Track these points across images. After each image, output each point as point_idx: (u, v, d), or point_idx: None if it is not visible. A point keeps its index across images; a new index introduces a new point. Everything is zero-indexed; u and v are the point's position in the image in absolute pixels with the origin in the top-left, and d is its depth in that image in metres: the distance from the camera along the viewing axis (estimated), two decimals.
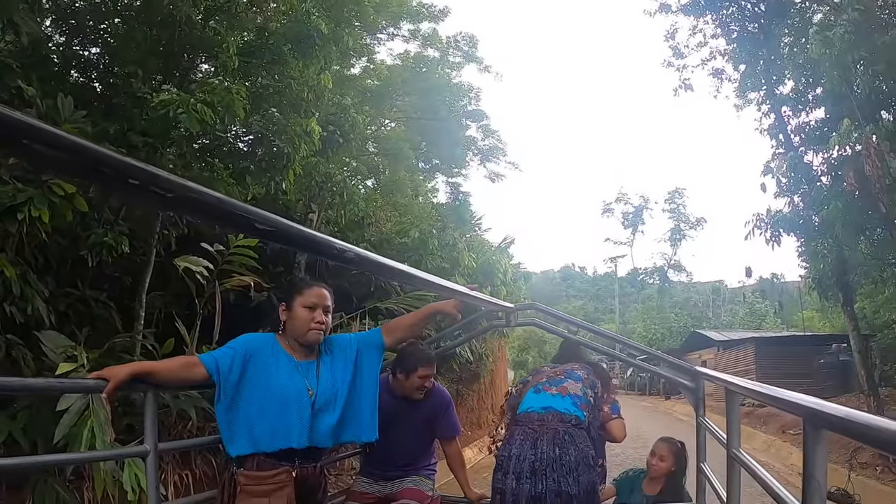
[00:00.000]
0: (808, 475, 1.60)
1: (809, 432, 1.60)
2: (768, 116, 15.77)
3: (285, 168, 7.49)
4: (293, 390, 2.77)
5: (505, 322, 4.13)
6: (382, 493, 3.82)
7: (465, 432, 13.85)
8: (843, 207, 12.32)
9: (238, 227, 1.27)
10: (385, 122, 17.56)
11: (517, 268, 18.54)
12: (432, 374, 3.73)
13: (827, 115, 14.05)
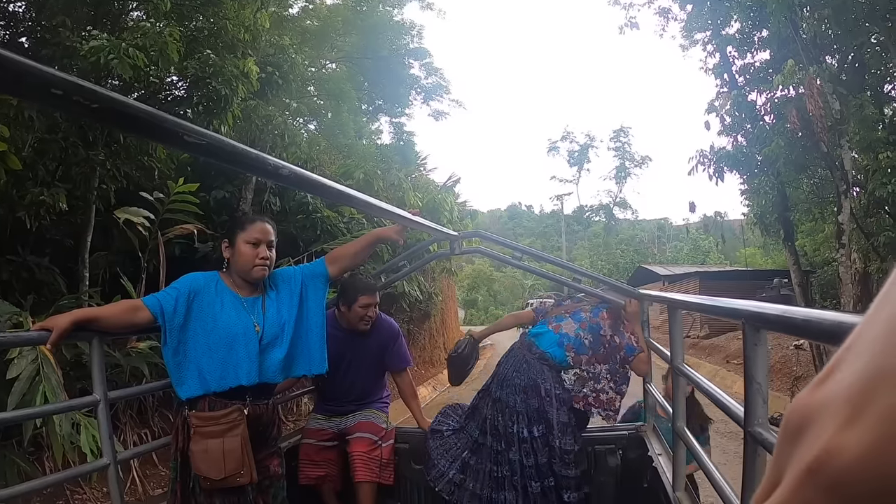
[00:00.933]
0: (750, 377, 1.63)
1: (750, 334, 1.62)
2: (714, 56, 15.88)
3: (223, 111, 7.27)
4: (239, 327, 2.73)
5: (449, 251, 4.06)
6: (337, 428, 3.84)
7: (419, 371, 14.04)
8: (786, 146, 12.63)
9: (168, 140, 1.22)
10: (326, 62, 17.25)
11: (463, 206, 18.50)
12: (374, 304, 3.72)
13: (772, 57, 14.27)
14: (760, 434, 1.56)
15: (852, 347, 0.27)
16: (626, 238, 57.74)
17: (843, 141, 12.08)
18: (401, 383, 4.13)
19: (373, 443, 3.76)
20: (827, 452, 0.24)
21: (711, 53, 15.91)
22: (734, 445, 4.79)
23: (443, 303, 18.05)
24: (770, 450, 1.47)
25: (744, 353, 1.65)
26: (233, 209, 8.83)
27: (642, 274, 35.09)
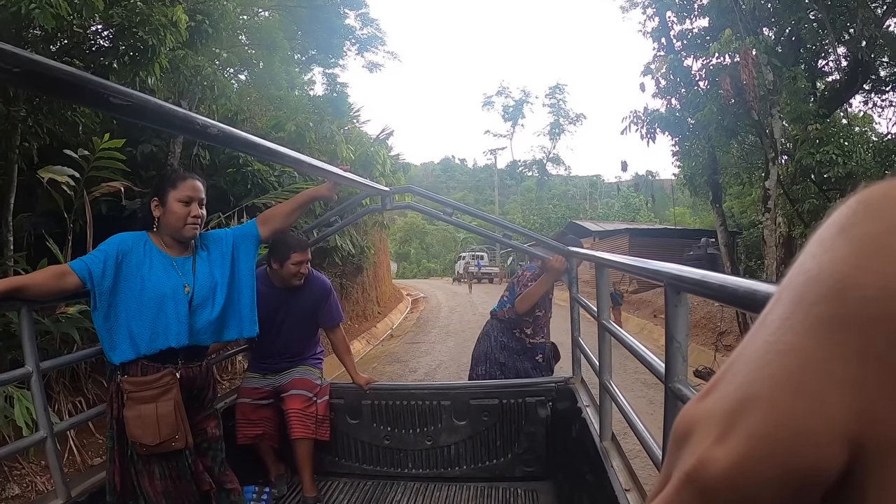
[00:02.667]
0: (670, 336, 1.70)
1: (671, 296, 1.68)
2: (653, 20, 15.98)
3: (151, 62, 6.93)
4: (168, 288, 2.67)
5: (381, 206, 4.08)
6: (272, 386, 3.87)
7: (353, 325, 14.08)
8: (718, 112, 12.94)
9: (93, 102, 1.17)
10: (258, 10, 16.67)
11: (396, 159, 18.37)
12: (306, 260, 3.72)
13: (710, 25, 14.49)
14: (680, 390, 1.63)
15: (732, 366, 0.30)
16: (558, 193, 58.54)
17: (774, 110, 12.43)
18: (334, 339, 4.16)
19: (308, 399, 3.80)
20: (701, 463, 0.28)
21: (651, 17, 16.00)
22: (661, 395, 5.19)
23: (375, 256, 17.98)
24: None
25: (665, 313, 1.72)
26: (161, 164, 8.50)
27: (574, 229, 35.45)
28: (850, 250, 0.29)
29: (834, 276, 0.28)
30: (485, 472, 4.08)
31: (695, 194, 17.56)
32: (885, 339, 0.26)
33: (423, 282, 49.56)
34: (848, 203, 0.31)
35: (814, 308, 0.28)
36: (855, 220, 0.30)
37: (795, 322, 0.28)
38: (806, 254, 0.31)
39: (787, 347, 0.28)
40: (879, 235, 0.28)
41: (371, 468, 4.16)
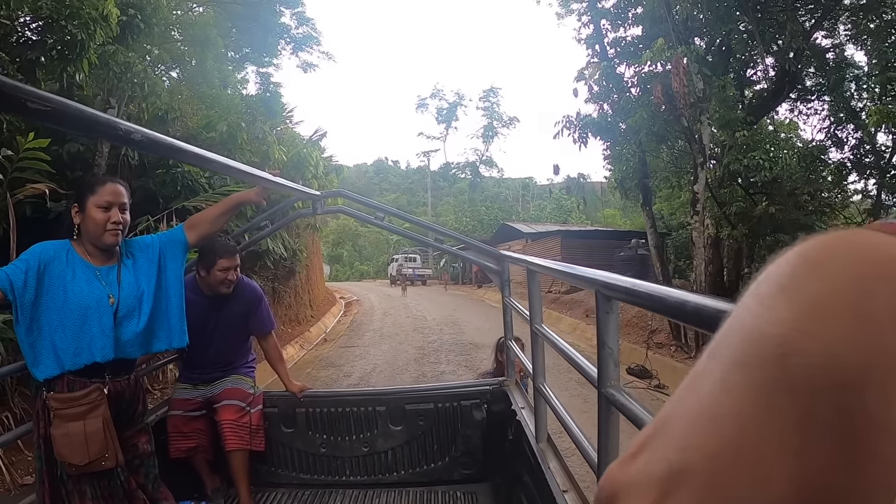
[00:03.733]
0: (602, 342, 1.72)
1: (601, 303, 1.70)
2: (588, 27, 16.24)
3: (79, 57, 6.79)
4: (92, 299, 2.55)
5: (312, 210, 4.02)
6: (204, 396, 3.76)
7: (285, 330, 13.91)
8: (649, 118, 13.25)
9: (6, 106, 1.16)
10: (192, 6, 16.40)
11: (329, 161, 18.25)
12: (234, 266, 3.63)
13: (643, 33, 14.75)
14: (613, 395, 1.64)
15: (662, 428, 0.28)
16: (491, 195, 59.05)
17: (703, 117, 12.79)
18: (266, 347, 4.07)
19: (241, 409, 3.72)
20: None
21: (586, 24, 16.25)
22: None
23: (308, 259, 17.83)
24: (621, 410, 1.58)
25: (596, 319, 1.73)
26: (88, 164, 8.22)
27: (506, 231, 35.78)
28: (792, 312, 0.27)
29: (775, 340, 0.26)
30: (423, 477, 4.07)
31: (625, 197, 17.94)
32: (829, 407, 0.25)
33: (357, 284, 49.45)
34: (788, 257, 0.30)
35: (754, 372, 0.26)
36: (797, 278, 0.28)
37: (734, 385, 0.27)
38: (744, 308, 0.29)
39: (724, 413, 0.26)
40: (823, 298, 0.27)
41: (308, 477, 4.10)
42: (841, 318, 0.26)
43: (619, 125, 14.91)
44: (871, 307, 0.26)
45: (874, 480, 0.25)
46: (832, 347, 0.26)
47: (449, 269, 45.59)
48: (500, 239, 35.63)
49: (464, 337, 15.95)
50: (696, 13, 12.83)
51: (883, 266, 0.28)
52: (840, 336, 0.26)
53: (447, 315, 21.32)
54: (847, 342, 0.26)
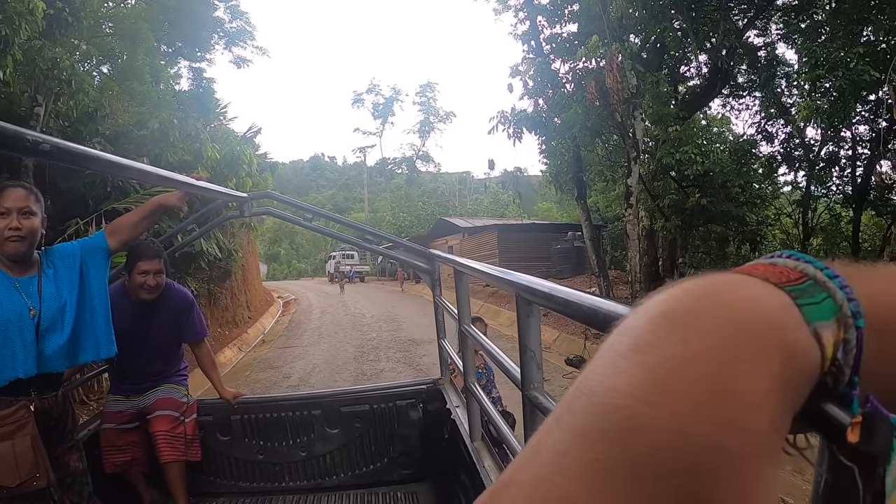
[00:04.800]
0: (524, 345, 1.71)
1: (522, 307, 1.69)
2: (524, 23, 16.45)
3: (3, 54, 6.55)
4: (12, 313, 2.45)
5: (239, 213, 3.87)
6: (136, 407, 3.60)
7: (223, 332, 13.69)
8: (583, 113, 13.51)
9: None
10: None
11: (264, 158, 17.95)
12: (156, 270, 3.45)
13: (579, 30, 14.99)
14: (536, 398, 1.64)
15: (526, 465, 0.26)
16: (427, 190, 58.99)
17: (636, 113, 13.12)
18: (199, 355, 3.97)
19: (175, 419, 3.61)
20: None
21: (522, 21, 16.46)
22: None
23: (244, 259, 17.56)
24: (544, 413, 1.56)
25: (518, 322, 1.73)
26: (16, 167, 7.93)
27: (443, 226, 35.98)
28: (643, 379, 0.25)
29: (621, 412, 0.24)
30: (363, 479, 4.05)
31: (561, 190, 18.27)
32: (675, 492, 0.23)
33: (295, 283, 49.06)
34: (649, 310, 0.28)
35: (595, 448, 0.24)
36: (653, 339, 0.26)
37: (570, 461, 0.24)
38: (594, 368, 0.27)
39: (559, 493, 0.24)
40: (680, 364, 0.25)
41: (247, 485, 4.03)
42: (699, 391, 0.24)
43: (554, 120, 15.16)
44: (734, 380, 0.24)
45: None
46: (684, 423, 0.23)
47: (387, 266, 45.55)
48: (437, 234, 35.79)
49: (402, 333, 15.96)
50: (632, 11, 13.12)
51: (758, 333, 0.26)
52: (694, 412, 0.23)
53: (385, 312, 21.30)
54: (702, 420, 0.23)
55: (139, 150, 9.75)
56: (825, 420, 0.28)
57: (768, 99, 15.62)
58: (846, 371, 0.28)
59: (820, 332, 0.27)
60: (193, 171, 10.14)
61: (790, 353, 0.26)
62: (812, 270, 0.30)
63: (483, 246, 28.88)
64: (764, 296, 0.28)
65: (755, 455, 0.24)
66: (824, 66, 11.33)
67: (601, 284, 15.59)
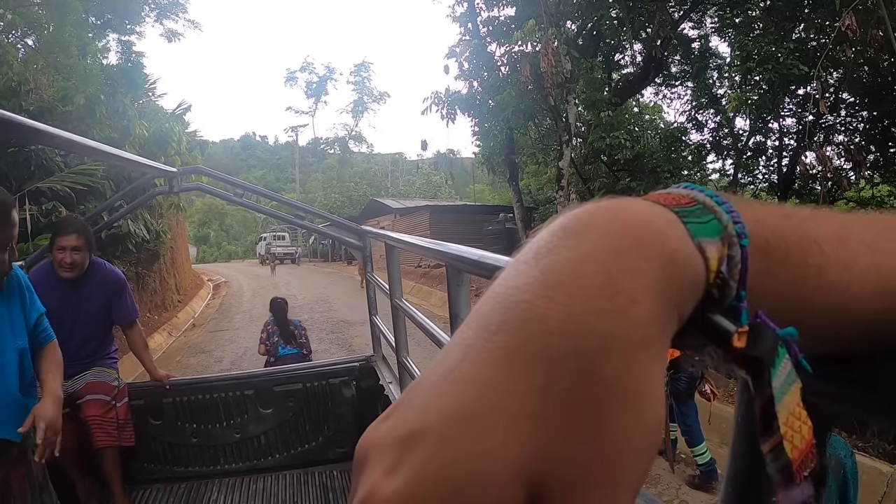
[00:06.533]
0: (455, 315, 1.74)
1: (452, 276, 1.72)
2: (462, 5, 16.43)
3: None
4: None
5: (168, 189, 3.78)
6: (66, 393, 3.40)
7: (152, 317, 13.40)
8: (517, 96, 13.61)
9: None
10: None
11: (194, 136, 17.57)
12: (73, 246, 3.33)
13: (516, 14, 15.02)
14: None
15: (412, 391, 0.28)
16: (360, 171, 58.68)
17: (570, 97, 13.29)
18: (131, 336, 3.84)
19: (107, 404, 3.51)
20: (370, 493, 0.25)
21: (460, 2, 16.46)
22: None
23: (172, 241, 17.13)
24: None
25: (448, 292, 1.75)
26: None
27: (375, 206, 35.84)
28: (540, 279, 0.28)
29: (520, 306, 0.27)
30: (298, 459, 4.04)
31: (493, 172, 18.42)
32: (568, 375, 0.26)
33: (225, 265, 48.26)
34: (549, 226, 0.31)
35: (496, 337, 0.27)
36: (551, 245, 0.29)
37: (475, 350, 0.27)
38: (500, 277, 0.30)
39: (463, 377, 0.26)
40: (572, 264, 0.28)
41: (182, 469, 3.95)
42: (588, 286, 0.27)
43: (488, 102, 15.22)
44: (617, 278, 0.27)
45: (609, 449, 0.25)
46: (574, 314, 0.26)
47: (318, 246, 45.15)
48: (369, 215, 35.63)
49: (334, 314, 15.93)
50: None
51: (641, 239, 0.29)
52: (583, 304, 0.26)
53: (317, 293, 21.22)
54: (590, 310, 0.26)
55: (64, 126, 9.30)
56: (714, 328, 0.31)
57: (700, 89, 15.94)
58: (732, 285, 0.31)
59: (704, 246, 0.30)
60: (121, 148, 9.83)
61: (670, 258, 0.29)
62: (702, 197, 0.33)
63: (415, 227, 28.89)
64: (652, 212, 0.31)
65: (635, 340, 0.26)
66: (755, 59, 11.63)
67: None
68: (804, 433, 0.31)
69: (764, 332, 0.31)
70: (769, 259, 0.34)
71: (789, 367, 0.31)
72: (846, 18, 7.44)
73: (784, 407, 0.30)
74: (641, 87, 16.58)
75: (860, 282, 0.35)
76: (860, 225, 0.37)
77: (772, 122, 14.81)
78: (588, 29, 15.05)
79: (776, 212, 0.36)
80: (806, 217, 0.36)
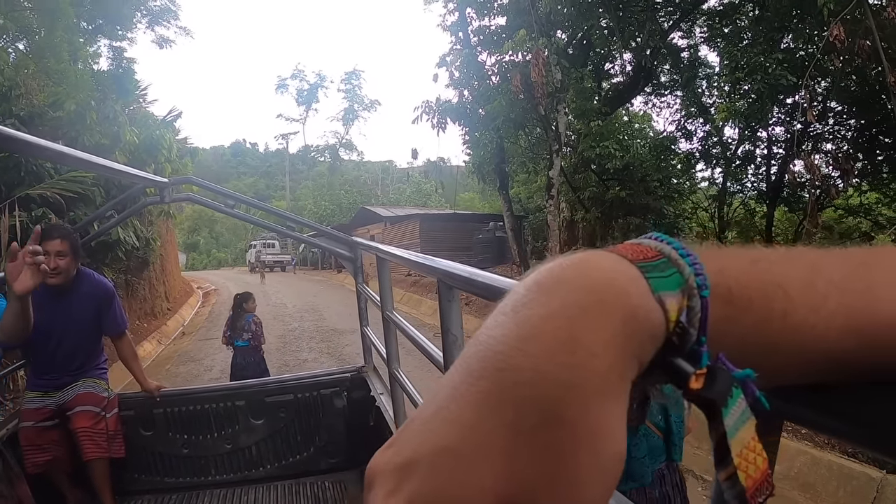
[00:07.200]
0: (446, 329, 1.73)
1: (444, 292, 1.72)
2: (453, 14, 16.56)
3: None
4: None
5: (159, 199, 3.74)
6: (55, 404, 3.46)
7: (141, 324, 13.30)
8: (508, 105, 13.67)
9: None
10: None
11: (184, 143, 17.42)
12: (56, 251, 3.27)
13: (507, 24, 15.11)
14: None
15: (410, 424, 0.33)
16: (350, 179, 58.57)
17: (560, 107, 13.34)
18: (120, 347, 3.81)
19: (96, 415, 3.49)
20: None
21: (452, 12, 16.56)
22: None
23: (162, 248, 17.04)
24: None
25: (440, 308, 1.75)
26: None
27: (365, 215, 35.70)
28: (514, 332, 0.32)
29: (497, 356, 0.31)
30: (290, 470, 4.03)
31: (483, 181, 18.45)
32: (534, 418, 0.30)
33: (214, 273, 48.03)
34: (528, 280, 0.35)
35: (478, 383, 0.31)
36: (525, 300, 0.33)
37: (461, 393, 0.31)
38: (484, 326, 0.34)
39: (451, 416, 0.31)
40: (541, 320, 0.32)
41: (173, 480, 3.93)
42: (553, 341, 0.31)
43: (478, 111, 15.29)
44: (579, 333, 0.31)
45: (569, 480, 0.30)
46: (540, 365, 0.30)
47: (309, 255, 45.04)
48: (359, 223, 35.56)
49: (325, 323, 15.86)
50: (560, 7, 13.34)
51: (604, 297, 0.33)
52: (548, 357, 0.31)
53: (307, 302, 21.14)
54: (553, 362, 0.31)
55: (54, 132, 9.36)
56: (674, 371, 0.35)
57: (689, 98, 16.07)
58: (692, 332, 0.35)
59: (664, 299, 0.34)
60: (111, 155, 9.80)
61: (631, 313, 0.33)
62: (668, 250, 0.37)
63: (405, 235, 28.87)
64: (617, 269, 0.35)
65: (592, 389, 0.31)
66: (744, 69, 11.74)
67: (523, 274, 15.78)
68: (759, 464, 0.34)
69: (720, 374, 0.34)
70: (731, 307, 0.37)
71: (744, 406, 0.34)
72: (834, 29, 7.52)
73: (738, 441, 0.34)
74: (631, 97, 16.71)
75: (827, 322, 0.37)
76: (832, 264, 0.40)
77: (760, 130, 14.94)
78: (578, 38, 15.14)
79: (745, 258, 0.40)
80: (775, 260, 0.39)
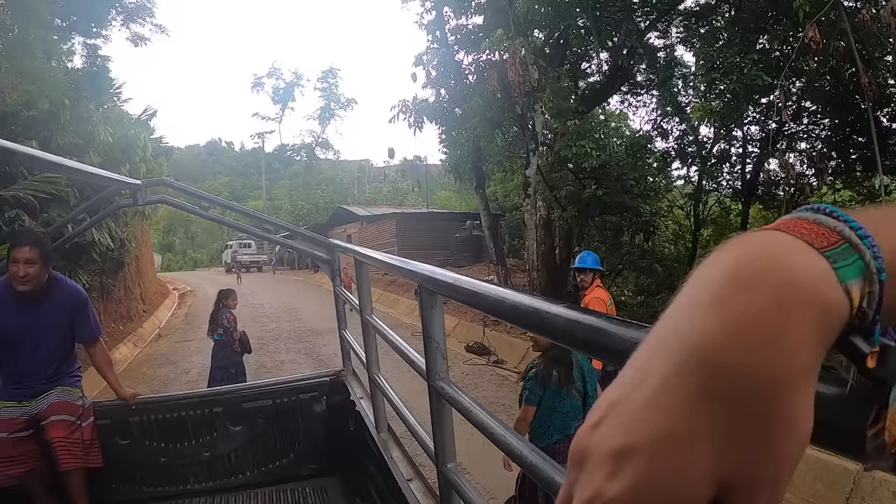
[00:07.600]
0: (428, 336, 1.70)
1: (426, 297, 1.68)
2: (430, 13, 16.45)
3: None
4: None
5: (132, 201, 3.66)
6: (29, 414, 3.40)
7: (116, 327, 13.16)
8: (484, 104, 13.71)
9: None
10: None
11: (159, 142, 17.28)
12: (26, 259, 3.24)
13: (485, 23, 15.05)
14: (443, 388, 1.64)
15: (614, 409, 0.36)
16: (326, 178, 58.40)
17: (537, 106, 13.37)
18: (94, 354, 3.78)
19: (71, 424, 3.43)
20: (596, 494, 0.34)
21: (429, 10, 16.46)
22: None
23: (137, 249, 16.94)
24: (451, 402, 1.61)
25: (421, 313, 1.71)
26: None
27: (342, 214, 35.81)
28: (721, 328, 0.35)
29: (707, 353, 0.34)
30: (270, 476, 3.99)
31: (460, 180, 18.48)
32: (744, 408, 0.34)
33: (190, 273, 47.76)
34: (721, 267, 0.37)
35: (689, 378, 0.34)
36: (727, 295, 0.36)
37: (672, 387, 0.35)
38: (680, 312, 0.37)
39: (664, 407, 0.34)
40: (747, 318, 0.34)
41: (151, 490, 3.87)
42: (758, 337, 0.34)
43: (455, 110, 15.32)
44: (784, 331, 0.34)
45: (772, 459, 0.34)
46: (750, 362, 0.34)
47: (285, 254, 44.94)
48: (335, 222, 35.53)
49: (302, 324, 15.85)
50: (537, 7, 13.35)
51: (801, 295, 0.35)
52: (756, 354, 0.34)
53: (284, 302, 21.11)
54: (761, 360, 0.34)
55: (27, 131, 9.21)
56: (853, 349, 0.39)
57: (665, 98, 16.16)
58: (870, 314, 0.38)
59: (850, 289, 0.37)
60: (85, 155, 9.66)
61: (826, 309, 0.36)
62: (848, 232, 0.39)
63: (382, 234, 28.89)
64: (809, 264, 0.37)
65: (797, 383, 0.34)
66: (720, 69, 11.83)
67: (499, 272, 15.97)
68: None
69: (891, 354, 0.39)
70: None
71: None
72: (809, 30, 7.58)
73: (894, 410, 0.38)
74: (607, 96, 16.78)
75: None
76: None
77: (736, 130, 15.07)
78: (555, 38, 15.16)
79: None
80: None
